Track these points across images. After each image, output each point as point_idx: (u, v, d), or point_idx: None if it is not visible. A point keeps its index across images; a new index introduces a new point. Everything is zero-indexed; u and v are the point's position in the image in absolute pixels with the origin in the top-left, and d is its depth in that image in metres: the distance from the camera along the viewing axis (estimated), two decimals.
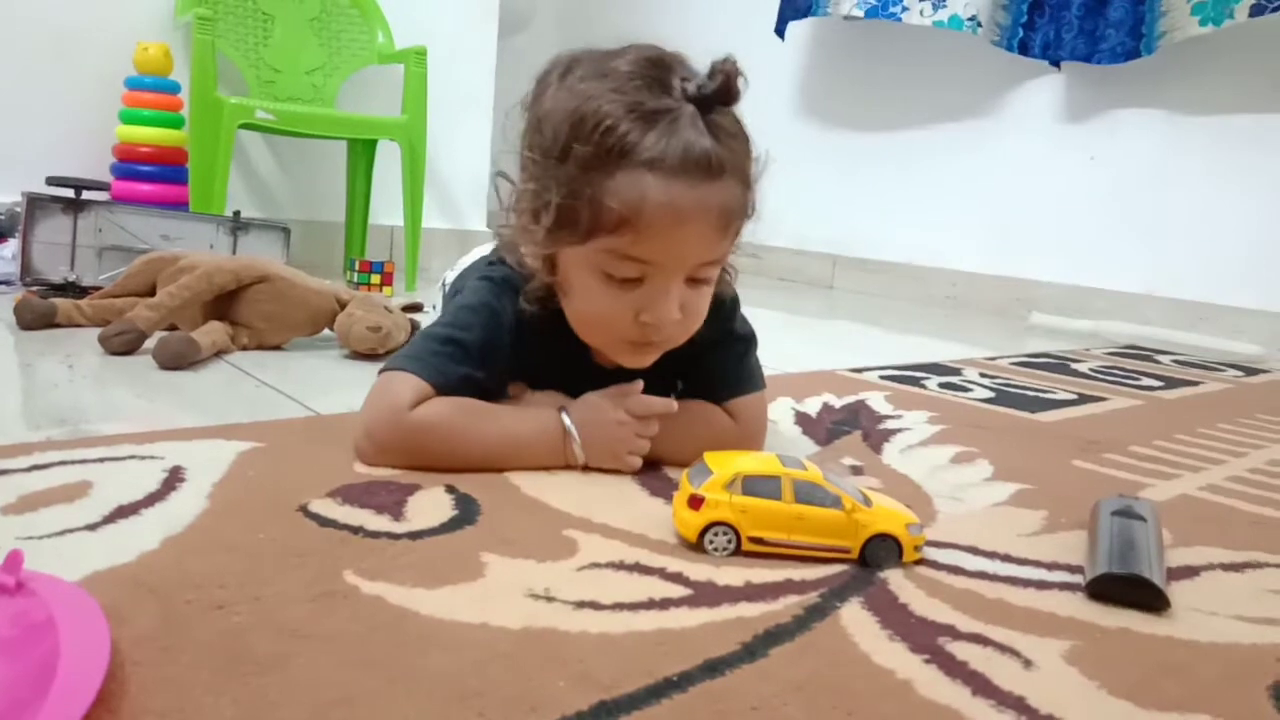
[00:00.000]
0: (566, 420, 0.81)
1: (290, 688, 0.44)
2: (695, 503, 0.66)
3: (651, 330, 0.78)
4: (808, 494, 0.66)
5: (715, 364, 0.89)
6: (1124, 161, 2.52)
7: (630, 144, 0.71)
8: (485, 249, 1.14)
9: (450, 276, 1.16)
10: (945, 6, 2.56)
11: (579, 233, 0.74)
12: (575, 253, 0.77)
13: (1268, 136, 2.28)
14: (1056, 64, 2.59)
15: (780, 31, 2.97)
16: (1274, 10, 2.03)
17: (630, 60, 0.74)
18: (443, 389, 0.80)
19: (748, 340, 0.92)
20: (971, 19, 2.53)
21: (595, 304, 0.79)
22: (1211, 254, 2.37)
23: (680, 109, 0.72)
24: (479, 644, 0.50)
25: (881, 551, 0.66)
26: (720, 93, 0.73)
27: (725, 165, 0.73)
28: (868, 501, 0.67)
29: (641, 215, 0.72)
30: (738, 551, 0.66)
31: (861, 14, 2.70)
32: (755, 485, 0.66)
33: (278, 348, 1.29)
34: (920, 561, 0.67)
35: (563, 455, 0.81)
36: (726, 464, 0.68)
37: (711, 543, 0.66)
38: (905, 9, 2.62)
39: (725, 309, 0.87)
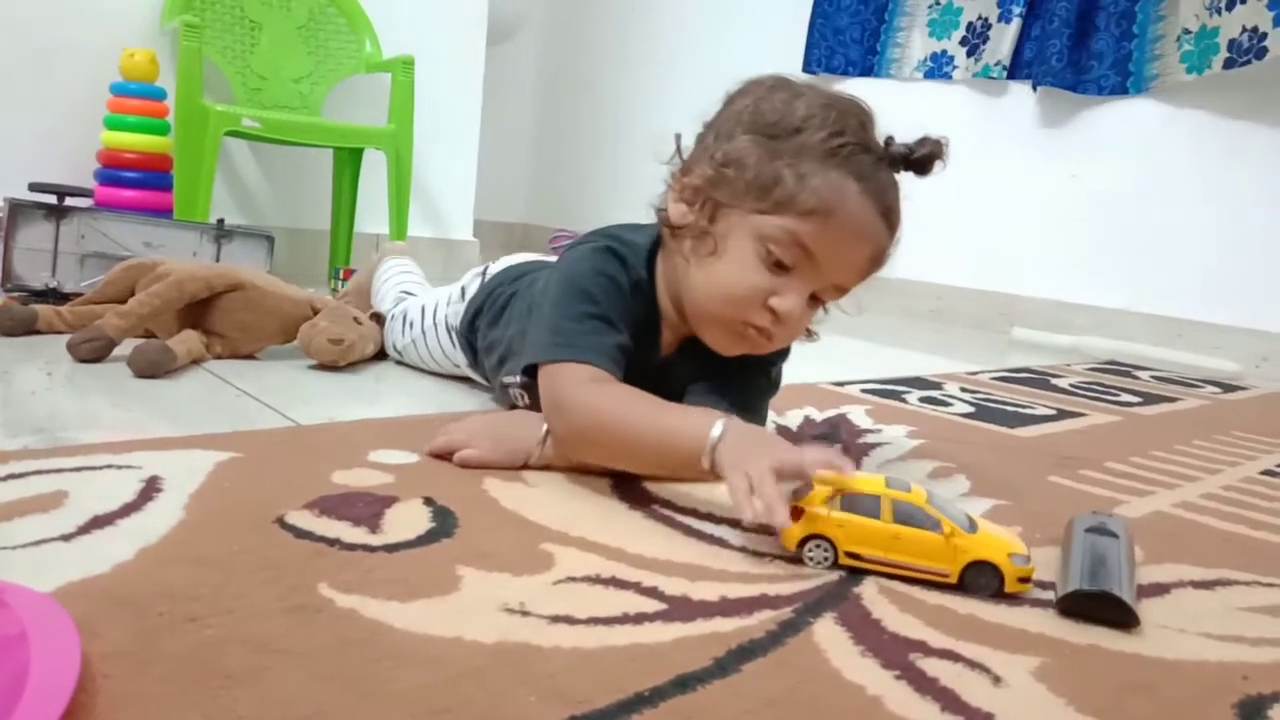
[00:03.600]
0: (716, 431, 0.74)
1: (261, 702, 0.44)
2: (795, 514, 0.67)
3: (771, 319, 0.81)
4: (907, 515, 0.67)
5: (740, 387, 0.92)
6: (1105, 178, 2.55)
7: (854, 154, 0.78)
8: (527, 256, 1.14)
9: (494, 268, 1.14)
10: (980, 59, 2.74)
11: (769, 200, 0.78)
12: (750, 220, 0.80)
13: (1246, 153, 2.31)
14: (1035, 86, 2.62)
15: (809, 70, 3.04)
16: (1242, 64, 2.21)
17: (839, 98, 0.82)
18: (605, 366, 0.81)
19: (776, 386, 0.98)
20: (998, 64, 2.69)
21: (738, 273, 0.81)
22: (1191, 270, 2.39)
23: (885, 156, 0.80)
24: (452, 659, 0.50)
25: (980, 579, 0.66)
26: (919, 162, 0.80)
27: (897, 224, 0.82)
28: (973, 527, 0.68)
29: (834, 213, 0.78)
30: (835, 565, 0.67)
31: (921, 76, 2.88)
32: (855, 503, 0.67)
33: (251, 356, 1.29)
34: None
35: (697, 463, 0.74)
36: (832, 480, 0.68)
37: (810, 554, 0.67)
38: (956, 67, 2.82)
39: (784, 349, 0.94)
